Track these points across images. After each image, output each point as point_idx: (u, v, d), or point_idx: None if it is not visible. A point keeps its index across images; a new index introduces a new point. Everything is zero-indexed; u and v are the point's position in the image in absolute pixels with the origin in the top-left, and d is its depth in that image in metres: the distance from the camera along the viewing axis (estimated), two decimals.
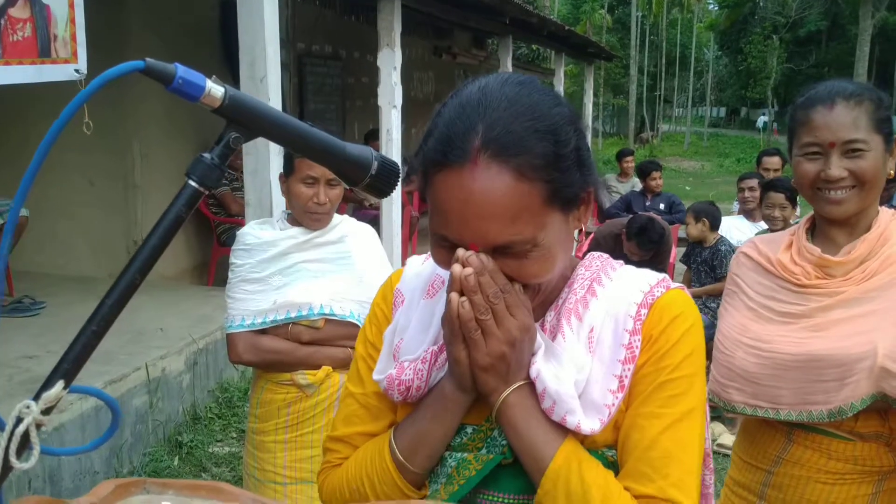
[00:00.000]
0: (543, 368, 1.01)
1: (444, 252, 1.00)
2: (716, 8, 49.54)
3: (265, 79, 4.57)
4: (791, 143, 1.75)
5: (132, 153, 6.17)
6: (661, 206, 7.71)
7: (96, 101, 0.81)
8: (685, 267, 5.73)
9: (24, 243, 5.30)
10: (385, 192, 0.89)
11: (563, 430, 1.01)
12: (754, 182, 5.65)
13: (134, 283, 0.72)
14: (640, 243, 5.33)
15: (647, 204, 7.79)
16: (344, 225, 2.40)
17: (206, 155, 0.75)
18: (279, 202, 4.55)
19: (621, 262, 1.15)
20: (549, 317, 1.08)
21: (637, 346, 1.04)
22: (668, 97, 48.53)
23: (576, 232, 1.10)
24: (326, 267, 2.31)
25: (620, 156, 9.29)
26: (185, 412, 4.53)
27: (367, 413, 1.16)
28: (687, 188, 19.14)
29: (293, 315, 2.26)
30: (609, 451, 1.04)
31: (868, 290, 1.63)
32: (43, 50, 3.30)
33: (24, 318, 4.91)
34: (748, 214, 6.03)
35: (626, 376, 1.03)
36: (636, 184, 8.56)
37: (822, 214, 1.72)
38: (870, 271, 1.64)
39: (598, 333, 1.04)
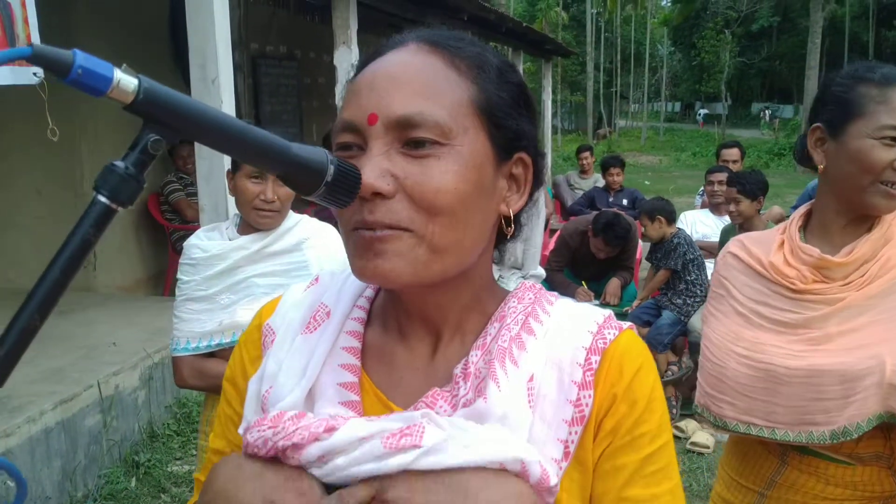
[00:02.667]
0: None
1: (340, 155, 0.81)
2: (669, 4, 50.09)
3: (216, 80, 4.38)
4: (843, 121, 1.51)
5: (81, 158, 5.90)
6: (625, 201, 7.64)
7: (38, 105, 0.66)
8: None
9: None
10: (345, 202, 0.72)
11: None
12: (723, 176, 5.53)
13: (32, 327, 0.57)
14: (608, 239, 5.25)
15: (611, 200, 7.72)
16: (301, 227, 2.21)
17: (120, 163, 0.58)
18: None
19: (556, 294, 0.93)
20: (474, 358, 0.82)
21: (588, 405, 0.81)
22: (624, 93, 48.85)
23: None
24: (278, 280, 2.12)
25: (578, 152, 9.24)
26: (141, 430, 4.33)
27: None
28: (647, 182, 19.20)
29: (239, 337, 2.11)
30: None
31: (869, 296, 1.48)
32: None
33: None
34: (714, 208, 5.96)
35: (572, 441, 0.81)
36: (598, 180, 8.49)
37: (869, 209, 1.51)
38: (869, 275, 1.49)
39: (538, 384, 0.81)
